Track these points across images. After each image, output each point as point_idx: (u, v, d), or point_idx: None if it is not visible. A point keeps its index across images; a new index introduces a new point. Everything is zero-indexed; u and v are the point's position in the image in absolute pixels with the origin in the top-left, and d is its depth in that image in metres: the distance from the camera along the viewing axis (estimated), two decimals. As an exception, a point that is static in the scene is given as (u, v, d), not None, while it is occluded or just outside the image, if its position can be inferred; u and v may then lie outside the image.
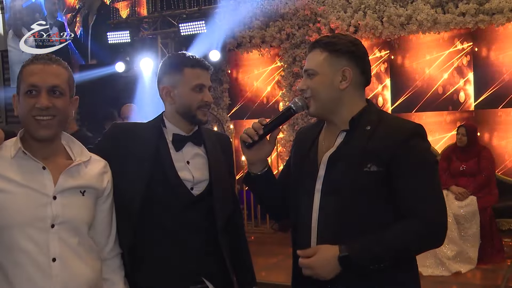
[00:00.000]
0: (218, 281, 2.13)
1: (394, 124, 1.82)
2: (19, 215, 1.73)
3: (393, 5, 6.74)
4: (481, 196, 5.40)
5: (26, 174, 1.77)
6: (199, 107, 2.11)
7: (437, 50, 7.11)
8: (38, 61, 1.81)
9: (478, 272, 5.11)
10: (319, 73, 1.85)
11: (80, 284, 1.81)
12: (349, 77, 1.83)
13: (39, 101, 1.76)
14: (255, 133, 1.86)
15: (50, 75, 1.80)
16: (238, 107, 8.45)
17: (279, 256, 5.95)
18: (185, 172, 2.10)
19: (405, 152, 1.73)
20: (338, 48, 1.84)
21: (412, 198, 1.72)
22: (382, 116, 1.87)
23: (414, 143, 1.76)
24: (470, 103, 6.99)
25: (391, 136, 1.76)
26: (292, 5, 7.44)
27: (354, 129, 1.82)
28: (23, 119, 1.80)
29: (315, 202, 1.82)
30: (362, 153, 1.76)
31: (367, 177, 1.74)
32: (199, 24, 7.40)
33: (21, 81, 1.80)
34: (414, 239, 1.73)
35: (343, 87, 1.84)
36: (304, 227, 1.85)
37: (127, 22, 8.19)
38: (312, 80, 1.86)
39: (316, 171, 1.85)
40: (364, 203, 1.74)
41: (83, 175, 1.87)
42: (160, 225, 2.07)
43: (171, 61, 2.17)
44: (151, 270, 2.07)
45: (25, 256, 1.73)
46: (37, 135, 1.79)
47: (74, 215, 1.82)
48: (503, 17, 6.16)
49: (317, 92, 1.84)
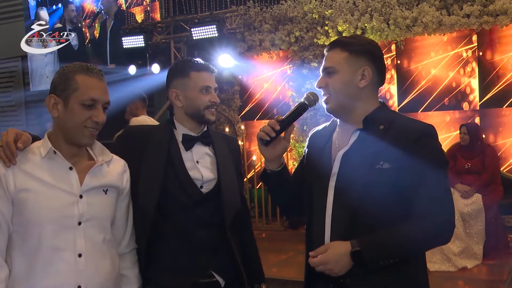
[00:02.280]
0: (227, 275, 2.18)
1: (407, 124, 1.84)
2: (48, 213, 1.78)
3: (399, 7, 6.82)
4: (486, 194, 5.44)
5: (54, 174, 1.83)
6: (206, 108, 2.20)
7: (442, 51, 7.19)
8: (92, 74, 1.87)
9: (484, 267, 5.15)
10: (339, 71, 1.86)
11: (104, 279, 1.89)
12: (368, 76, 1.86)
13: (97, 116, 1.85)
14: (271, 130, 1.87)
15: (105, 91, 1.90)
16: (248, 108, 8.59)
17: (290, 253, 6.00)
18: (194, 171, 2.17)
19: (417, 151, 1.75)
20: (358, 48, 1.87)
21: (422, 196, 1.73)
22: (395, 116, 1.90)
23: (426, 143, 1.78)
24: (475, 102, 7.05)
25: (403, 135, 1.78)
26: (300, 9, 7.56)
27: (368, 127, 1.84)
28: (70, 126, 1.85)
29: (329, 199, 1.84)
30: (375, 151, 1.78)
31: (379, 174, 1.76)
32: (210, 29, 7.54)
33: (77, 88, 1.84)
34: (423, 237, 1.74)
35: (362, 85, 1.87)
36: (318, 223, 1.86)
37: (141, 27, 8.34)
38: (332, 78, 1.87)
39: (330, 168, 1.87)
40: (376, 200, 1.75)
41: (105, 174, 1.94)
42: (171, 222, 2.13)
43: (178, 66, 2.27)
44: (162, 264, 2.13)
45: (53, 252, 1.79)
46: (82, 142, 1.87)
47: (98, 212, 1.88)
48: (507, 18, 6.22)
49: (337, 89, 1.86)
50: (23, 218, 1.79)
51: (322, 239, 1.83)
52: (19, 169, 1.80)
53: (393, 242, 1.72)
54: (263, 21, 7.90)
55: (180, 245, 2.13)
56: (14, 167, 1.80)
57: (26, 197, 1.78)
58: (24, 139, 1.83)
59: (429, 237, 1.76)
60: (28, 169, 1.81)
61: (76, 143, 1.88)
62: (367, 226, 1.75)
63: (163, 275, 2.14)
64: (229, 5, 8.12)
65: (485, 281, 4.96)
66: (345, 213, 1.79)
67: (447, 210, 1.76)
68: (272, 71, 8.36)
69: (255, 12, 7.99)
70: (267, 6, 7.99)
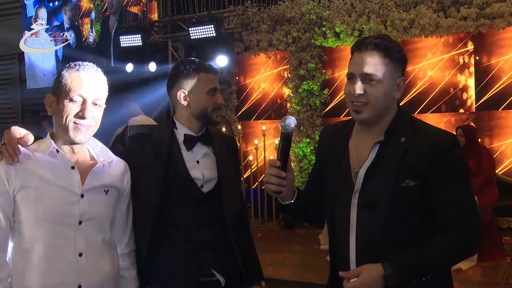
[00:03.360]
0: (227, 273, 2.18)
1: (430, 136, 1.77)
2: (49, 212, 1.79)
3: (396, 9, 6.86)
4: (481, 196, 5.40)
5: (56, 173, 1.83)
6: (214, 109, 2.21)
7: (439, 53, 7.23)
8: (84, 70, 1.88)
9: (479, 269, 5.18)
10: (383, 82, 1.75)
11: (104, 279, 1.89)
12: (402, 87, 1.80)
13: (84, 111, 1.85)
14: (280, 179, 1.78)
15: (95, 87, 1.89)
16: (245, 108, 8.61)
17: (285, 253, 6.03)
18: (195, 170, 2.17)
19: (443, 165, 1.70)
20: (397, 56, 1.78)
21: (452, 211, 1.70)
22: (415, 125, 1.82)
23: (452, 156, 1.73)
24: (471, 105, 7.10)
25: (428, 148, 1.72)
26: (298, 10, 7.58)
27: (389, 140, 1.77)
28: (61, 122, 1.86)
29: (352, 215, 1.79)
30: (400, 168, 1.72)
31: (405, 192, 1.71)
32: (208, 28, 7.55)
33: (65, 86, 1.85)
34: (455, 252, 1.73)
35: (397, 96, 1.80)
36: (342, 240, 1.82)
37: (138, 26, 8.34)
38: (373, 87, 1.75)
39: (351, 183, 1.81)
40: (401, 217, 1.72)
41: (107, 175, 1.94)
42: (171, 221, 2.13)
43: (186, 67, 2.22)
44: (163, 264, 2.13)
45: (53, 250, 1.79)
46: (75, 139, 1.86)
47: (99, 212, 1.89)
48: (504, 21, 6.28)
49: (377, 100, 1.75)
50: (24, 215, 1.79)
51: (347, 257, 1.80)
52: (22, 167, 1.81)
53: (425, 261, 1.70)
54: (260, 22, 7.93)
55: (181, 245, 2.14)
56: (17, 165, 1.80)
57: (27, 194, 1.79)
58: (27, 137, 1.85)
59: (461, 252, 1.75)
60: (30, 167, 1.82)
61: (69, 140, 1.88)
62: (393, 244, 1.72)
63: (164, 274, 2.14)
64: (227, 5, 8.12)
65: (480, 283, 4.99)
66: (370, 231, 1.75)
67: (474, 223, 1.74)
68: (269, 72, 8.39)
69: (253, 12, 8.01)
70: (265, 7, 8.01)
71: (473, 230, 1.72)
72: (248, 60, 8.35)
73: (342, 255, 1.82)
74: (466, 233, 1.71)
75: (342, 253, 1.82)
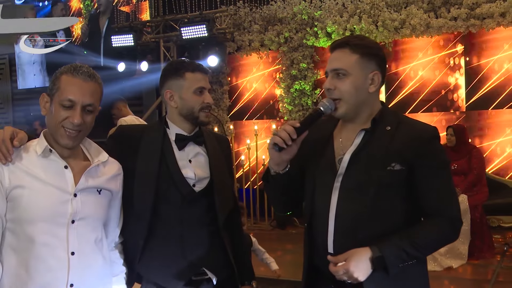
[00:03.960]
0: (219, 273, 2.19)
1: (415, 126, 1.84)
2: (42, 211, 1.78)
3: (387, 10, 6.91)
4: (471, 195, 5.49)
5: (49, 172, 1.83)
6: (201, 109, 2.20)
7: (429, 53, 7.29)
8: (78, 74, 1.86)
9: (469, 267, 5.22)
10: (351, 75, 1.82)
11: (95, 278, 1.89)
12: (377, 81, 1.85)
13: (73, 117, 1.83)
14: (289, 137, 1.79)
15: (87, 92, 1.86)
16: (237, 108, 8.63)
17: (278, 252, 5.98)
18: (187, 170, 2.17)
19: (428, 153, 1.77)
20: (369, 51, 1.84)
21: (437, 197, 1.76)
22: (399, 117, 1.90)
23: (435, 145, 1.81)
24: (461, 104, 7.16)
25: (414, 137, 1.79)
26: (290, 10, 7.61)
27: (375, 128, 1.83)
28: (51, 125, 1.86)
29: (333, 200, 1.83)
30: (386, 152, 1.77)
31: (391, 176, 1.76)
32: (200, 28, 7.55)
33: (58, 88, 1.84)
34: (442, 236, 1.78)
35: (372, 90, 1.85)
36: (320, 224, 1.86)
37: (130, 26, 8.32)
38: (343, 81, 1.82)
39: (335, 168, 1.85)
40: (383, 201, 1.76)
41: (101, 175, 1.94)
42: (164, 220, 2.13)
43: (173, 67, 2.24)
44: (156, 262, 2.14)
45: (46, 249, 1.78)
46: (62, 143, 1.86)
47: (91, 212, 1.88)
48: (493, 22, 6.34)
49: (348, 94, 1.82)
50: (16, 214, 1.79)
51: (325, 240, 1.83)
52: (15, 166, 1.81)
53: (412, 245, 1.73)
54: (252, 22, 7.94)
55: (174, 243, 2.14)
56: (10, 164, 1.80)
57: (20, 193, 1.78)
58: (20, 136, 1.84)
59: (443, 236, 1.79)
60: (24, 166, 1.81)
61: (57, 143, 1.88)
62: (373, 227, 1.77)
63: (156, 273, 2.15)
64: (219, 5, 8.15)
65: (470, 281, 5.02)
66: (352, 214, 1.79)
67: (457, 209, 1.80)
68: (261, 71, 8.40)
69: (245, 12, 8.02)
70: (257, 7, 8.04)
71: (457, 215, 1.79)
72: (240, 60, 8.36)
73: (320, 240, 1.85)
74: (451, 218, 1.77)
75: (320, 238, 1.85)
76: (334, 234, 1.81)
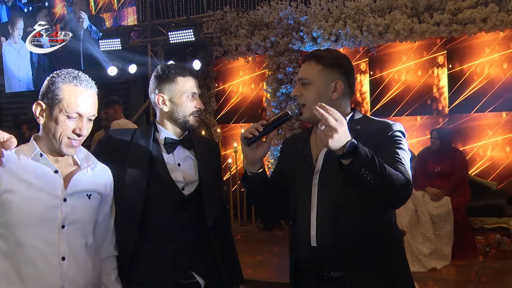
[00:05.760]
0: (207, 276, 2.21)
1: (381, 123, 2.02)
2: (32, 215, 1.80)
3: (371, 15, 6.97)
4: (455, 197, 5.58)
5: (39, 177, 1.84)
6: (192, 114, 2.23)
7: (413, 57, 7.38)
8: (81, 85, 1.89)
9: (453, 268, 5.29)
10: (313, 83, 2.01)
11: (86, 283, 1.90)
12: (340, 89, 2.01)
13: (81, 128, 1.88)
14: (255, 130, 1.95)
15: (93, 104, 1.92)
16: (224, 111, 8.66)
17: (265, 254, 6.06)
18: (176, 173, 2.19)
19: (389, 138, 1.94)
20: (331, 62, 2.02)
21: (393, 161, 1.87)
22: (368, 118, 2.10)
23: (397, 135, 1.96)
24: (444, 108, 7.26)
25: (378, 130, 1.97)
26: (276, 15, 7.66)
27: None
28: (53, 134, 1.87)
29: (313, 196, 1.97)
30: None
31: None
32: (187, 33, 7.57)
33: (62, 99, 1.86)
34: (398, 178, 1.82)
35: (334, 97, 2.01)
36: (303, 220, 1.99)
37: (118, 30, 8.32)
38: (306, 89, 2.02)
39: (313, 166, 2.01)
40: (355, 192, 1.86)
41: (90, 180, 1.96)
42: (153, 223, 2.15)
43: (165, 71, 2.24)
44: (144, 265, 2.15)
45: (37, 254, 1.79)
46: (65, 152, 1.89)
47: (81, 216, 1.90)
48: (475, 27, 6.43)
49: (311, 100, 1.98)
50: (6, 219, 1.80)
51: (308, 234, 1.96)
52: (5, 171, 1.81)
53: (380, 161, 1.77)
54: (239, 26, 7.98)
55: (162, 247, 2.16)
56: (0, 168, 1.80)
57: (10, 198, 1.79)
58: (10, 141, 1.83)
59: (401, 182, 1.82)
60: (14, 171, 1.82)
61: (56, 151, 1.90)
62: (354, 216, 1.91)
63: (144, 276, 2.16)
64: (206, 10, 8.17)
65: (454, 281, 5.09)
66: (329, 207, 1.94)
67: (409, 178, 1.88)
68: (248, 75, 8.44)
69: (232, 17, 8.05)
70: (244, 11, 8.06)
71: (408, 178, 1.87)
72: (227, 64, 8.40)
73: (303, 235, 1.98)
74: (404, 176, 1.85)
75: (304, 233, 1.98)
76: (316, 227, 1.95)
